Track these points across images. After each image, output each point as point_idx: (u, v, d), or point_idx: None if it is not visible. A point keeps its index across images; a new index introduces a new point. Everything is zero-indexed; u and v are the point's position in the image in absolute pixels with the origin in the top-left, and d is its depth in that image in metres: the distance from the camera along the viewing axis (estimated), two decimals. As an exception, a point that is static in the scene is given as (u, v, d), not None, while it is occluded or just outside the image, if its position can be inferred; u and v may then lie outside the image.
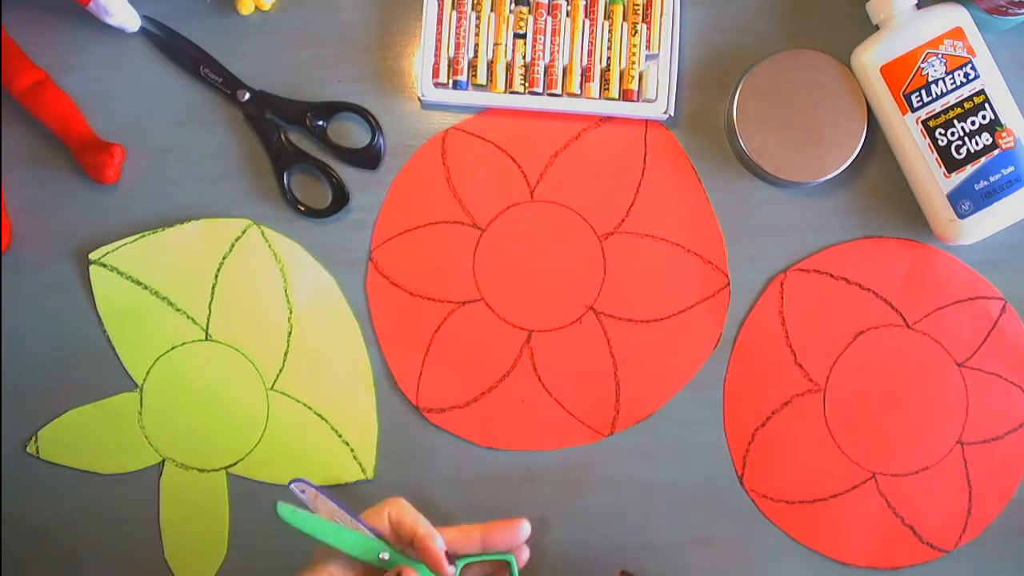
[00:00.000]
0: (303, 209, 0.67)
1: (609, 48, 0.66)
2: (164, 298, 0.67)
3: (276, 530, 0.52)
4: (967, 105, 0.63)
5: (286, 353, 0.67)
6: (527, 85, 0.66)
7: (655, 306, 0.67)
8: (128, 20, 0.66)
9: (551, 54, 0.66)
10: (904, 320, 0.67)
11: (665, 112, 0.66)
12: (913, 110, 0.63)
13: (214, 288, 0.67)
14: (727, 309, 0.67)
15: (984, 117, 0.63)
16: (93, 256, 0.67)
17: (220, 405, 0.67)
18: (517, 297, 0.67)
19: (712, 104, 0.68)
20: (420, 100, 0.67)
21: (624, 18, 0.66)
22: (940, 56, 0.62)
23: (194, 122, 0.68)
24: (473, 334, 0.67)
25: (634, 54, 0.66)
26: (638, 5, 0.66)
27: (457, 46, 0.66)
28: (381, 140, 0.67)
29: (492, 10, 0.66)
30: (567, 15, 0.66)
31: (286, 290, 0.67)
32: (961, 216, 0.63)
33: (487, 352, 0.67)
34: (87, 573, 0.68)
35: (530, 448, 0.67)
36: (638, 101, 0.66)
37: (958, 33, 0.62)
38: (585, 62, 0.66)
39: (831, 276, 0.67)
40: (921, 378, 0.67)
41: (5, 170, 0.68)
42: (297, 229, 0.67)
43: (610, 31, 0.66)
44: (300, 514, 0.52)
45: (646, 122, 0.67)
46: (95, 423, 0.67)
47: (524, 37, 0.66)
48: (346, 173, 0.67)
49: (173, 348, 0.67)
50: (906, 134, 0.63)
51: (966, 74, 0.63)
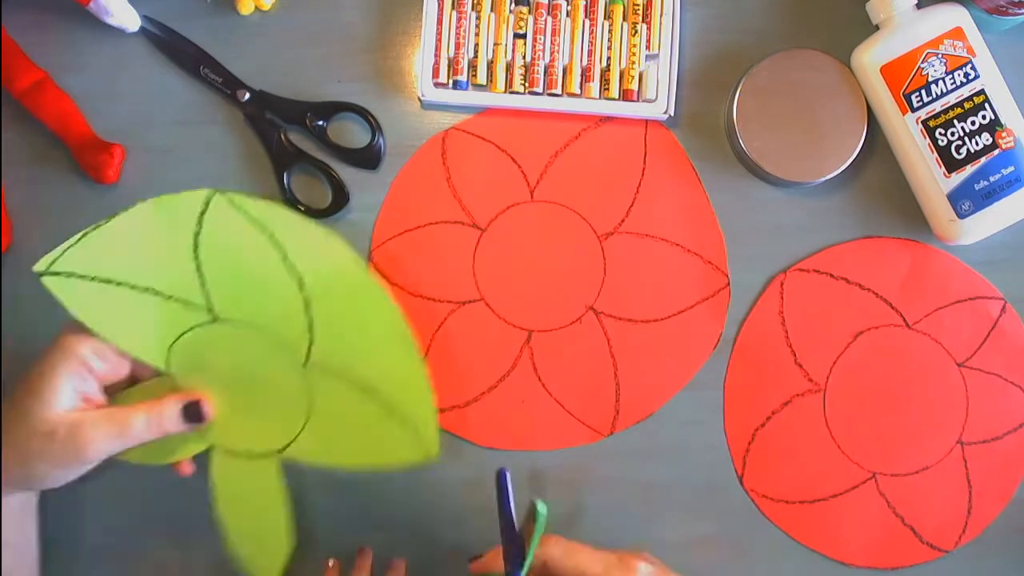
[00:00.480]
0: (303, 209, 0.67)
1: (609, 48, 0.66)
2: (147, 289, 0.61)
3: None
4: (967, 105, 0.63)
5: (310, 326, 0.61)
6: (527, 85, 0.66)
7: (655, 306, 0.67)
8: (128, 20, 0.66)
9: (551, 54, 0.66)
10: (904, 320, 0.67)
11: (665, 112, 0.66)
12: (913, 110, 0.63)
13: (199, 269, 0.61)
14: (727, 309, 0.67)
15: (984, 117, 0.62)
16: (38, 268, 0.58)
17: (253, 385, 0.62)
18: (517, 297, 0.67)
19: (712, 104, 0.68)
20: (420, 100, 0.67)
21: (624, 18, 0.66)
22: (940, 56, 0.62)
23: (194, 122, 0.68)
24: (473, 334, 0.67)
25: (634, 54, 0.66)
26: (638, 5, 0.66)
27: (457, 46, 0.66)
28: (381, 140, 0.67)
29: (492, 10, 0.66)
30: (567, 15, 0.66)
31: (285, 258, 0.61)
32: (961, 216, 0.63)
33: (487, 352, 0.67)
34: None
35: (530, 448, 0.67)
36: (638, 101, 0.66)
37: (958, 33, 0.62)
38: (585, 62, 0.66)
39: (831, 276, 0.67)
40: (921, 378, 0.67)
41: (5, 170, 0.67)
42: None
43: (610, 31, 0.66)
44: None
45: (646, 122, 0.67)
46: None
47: (524, 37, 0.66)
48: (346, 173, 0.67)
49: (183, 335, 0.62)
50: (906, 134, 0.63)
51: (966, 74, 0.63)
